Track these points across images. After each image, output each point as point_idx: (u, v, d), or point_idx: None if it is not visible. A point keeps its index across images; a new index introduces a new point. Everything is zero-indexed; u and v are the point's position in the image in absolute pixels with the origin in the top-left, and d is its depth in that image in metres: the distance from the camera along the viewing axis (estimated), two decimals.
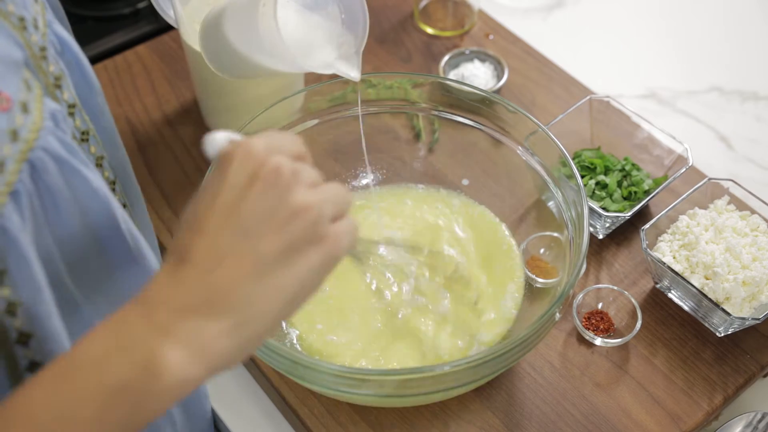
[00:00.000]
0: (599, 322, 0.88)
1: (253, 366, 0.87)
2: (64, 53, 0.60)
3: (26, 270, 0.51)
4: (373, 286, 0.86)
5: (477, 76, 1.10)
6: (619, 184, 0.97)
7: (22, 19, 0.53)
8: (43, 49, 0.55)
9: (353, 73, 0.81)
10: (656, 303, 0.90)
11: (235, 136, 0.53)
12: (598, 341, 0.86)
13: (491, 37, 1.19)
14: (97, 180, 0.56)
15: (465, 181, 0.96)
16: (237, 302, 0.48)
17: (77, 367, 0.47)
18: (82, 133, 0.60)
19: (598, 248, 0.95)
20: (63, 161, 0.53)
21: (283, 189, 0.50)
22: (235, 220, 0.49)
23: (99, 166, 0.64)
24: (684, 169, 0.94)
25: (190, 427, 0.78)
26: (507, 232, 0.92)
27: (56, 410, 0.46)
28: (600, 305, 0.89)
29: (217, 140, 0.53)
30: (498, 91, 1.09)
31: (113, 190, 0.66)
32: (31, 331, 0.53)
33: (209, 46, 0.85)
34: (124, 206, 0.69)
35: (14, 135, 0.49)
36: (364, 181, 0.97)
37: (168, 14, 1.00)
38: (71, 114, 0.59)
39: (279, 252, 0.49)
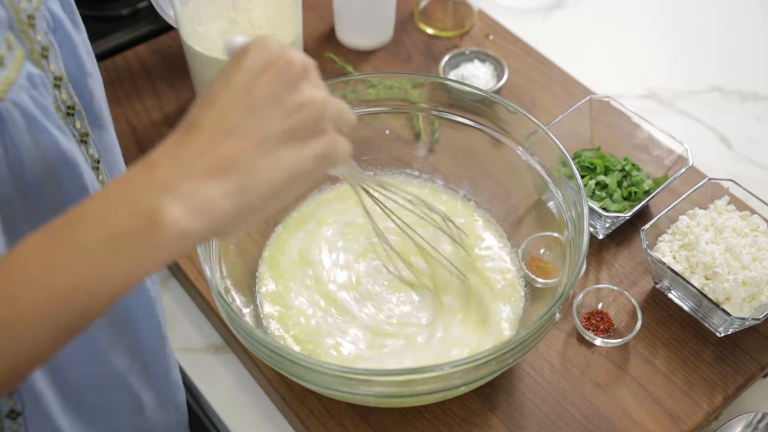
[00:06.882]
0: (599, 322, 0.88)
1: (253, 366, 0.87)
2: (57, 30, 0.60)
3: None
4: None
5: (477, 76, 1.10)
6: (619, 185, 0.97)
7: None
8: (31, 17, 0.56)
9: None
10: (656, 303, 0.90)
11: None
12: (598, 341, 0.86)
13: (491, 37, 1.19)
14: (66, 142, 0.57)
15: (465, 182, 0.96)
16: (240, 169, 0.50)
17: (78, 219, 0.48)
18: (68, 107, 0.60)
19: (598, 248, 0.95)
20: (32, 118, 0.54)
21: (293, 80, 0.53)
22: (245, 99, 0.52)
23: (84, 142, 0.64)
24: (684, 170, 0.94)
25: (161, 415, 0.78)
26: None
27: (54, 260, 0.47)
28: (600, 305, 0.89)
29: (236, 42, 0.56)
30: (498, 92, 1.09)
31: (97, 168, 0.66)
32: None
33: None
34: None
35: None
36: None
37: (168, 14, 1.00)
38: (57, 86, 0.59)
39: (283, 134, 0.52)
